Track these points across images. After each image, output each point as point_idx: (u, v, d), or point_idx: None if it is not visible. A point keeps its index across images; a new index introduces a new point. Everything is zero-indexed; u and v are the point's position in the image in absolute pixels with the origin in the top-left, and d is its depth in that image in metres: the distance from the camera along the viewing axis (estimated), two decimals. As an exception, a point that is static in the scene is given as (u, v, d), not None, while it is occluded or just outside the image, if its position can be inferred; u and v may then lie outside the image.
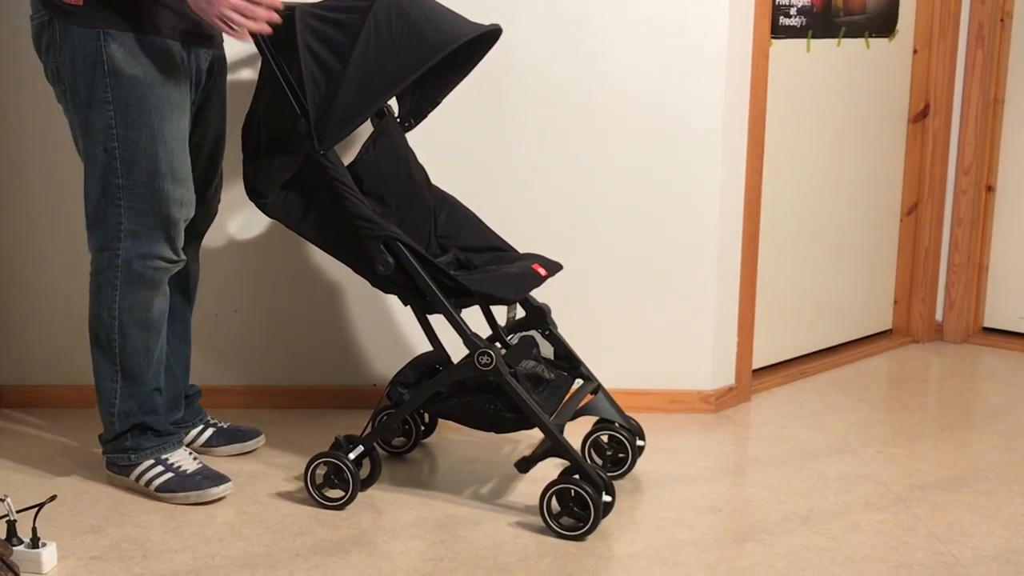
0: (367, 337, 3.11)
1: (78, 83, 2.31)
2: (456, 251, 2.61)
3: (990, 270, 3.80)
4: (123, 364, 2.47)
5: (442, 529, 2.38)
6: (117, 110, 2.31)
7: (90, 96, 2.31)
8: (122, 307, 2.42)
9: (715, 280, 3.06)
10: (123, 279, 2.40)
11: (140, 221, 2.37)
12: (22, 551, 2.17)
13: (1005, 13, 3.62)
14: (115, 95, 2.30)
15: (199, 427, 2.79)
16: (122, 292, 2.41)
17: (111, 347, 2.46)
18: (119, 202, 2.36)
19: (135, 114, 2.31)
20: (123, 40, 2.28)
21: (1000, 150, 3.72)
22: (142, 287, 2.42)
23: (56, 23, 2.30)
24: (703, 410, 3.12)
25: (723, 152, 2.99)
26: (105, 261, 2.41)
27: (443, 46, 2.29)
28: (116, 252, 2.39)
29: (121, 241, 2.38)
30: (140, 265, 2.40)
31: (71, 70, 2.31)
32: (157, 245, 2.40)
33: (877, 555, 2.26)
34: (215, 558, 2.25)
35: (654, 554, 2.26)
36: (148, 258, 2.40)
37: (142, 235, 2.38)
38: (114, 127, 2.32)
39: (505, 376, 2.34)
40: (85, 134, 2.36)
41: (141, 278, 2.41)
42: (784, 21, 3.25)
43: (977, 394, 3.33)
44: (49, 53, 2.34)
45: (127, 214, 2.37)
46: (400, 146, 2.65)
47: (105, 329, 2.45)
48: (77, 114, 2.35)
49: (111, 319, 2.43)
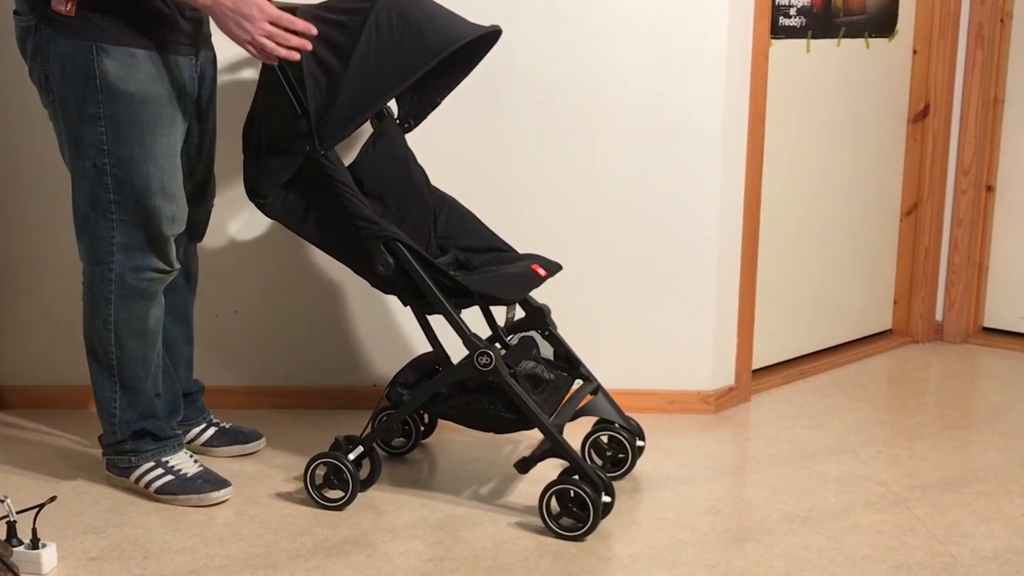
0: (367, 338, 3.11)
1: (68, 95, 2.26)
2: (456, 252, 2.61)
3: (990, 270, 3.80)
4: (121, 375, 2.46)
5: (442, 530, 2.38)
6: (108, 126, 2.27)
7: (80, 110, 2.26)
8: (118, 320, 2.41)
9: (715, 280, 3.06)
10: (117, 292, 2.38)
11: (132, 235, 2.35)
12: (22, 552, 2.17)
13: (1005, 13, 3.62)
14: (107, 111, 2.25)
15: (201, 425, 2.79)
16: (117, 305, 2.39)
17: (108, 359, 2.45)
18: (110, 216, 2.33)
19: (127, 131, 2.27)
20: (117, 55, 2.23)
21: (1000, 150, 3.72)
22: (137, 299, 2.40)
23: (44, 31, 2.24)
24: (703, 410, 3.12)
25: (723, 152, 2.99)
26: (98, 274, 2.38)
27: (443, 47, 2.29)
28: (109, 266, 2.37)
29: (114, 255, 2.36)
30: (134, 278, 2.38)
31: (60, 81, 2.26)
32: (149, 258, 2.38)
33: (877, 555, 2.26)
34: (215, 559, 2.25)
35: (654, 554, 2.27)
36: (141, 270, 2.38)
37: (134, 248, 2.36)
38: (105, 143, 2.28)
39: (504, 377, 2.34)
40: (74, 147, 2.31)
41: (136, 291, 2.39)
42: (784, 21, 3.25)
43: (977, 394, 3.33)
44: (36, 59, 2.29)
45: (119, 228, 2.34)
46: (400, 147, 2.65)
47: (101, 342, 2.43)
48: (66, 126, 2.31)
49: (107, 332, 2.42)
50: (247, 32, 2.17)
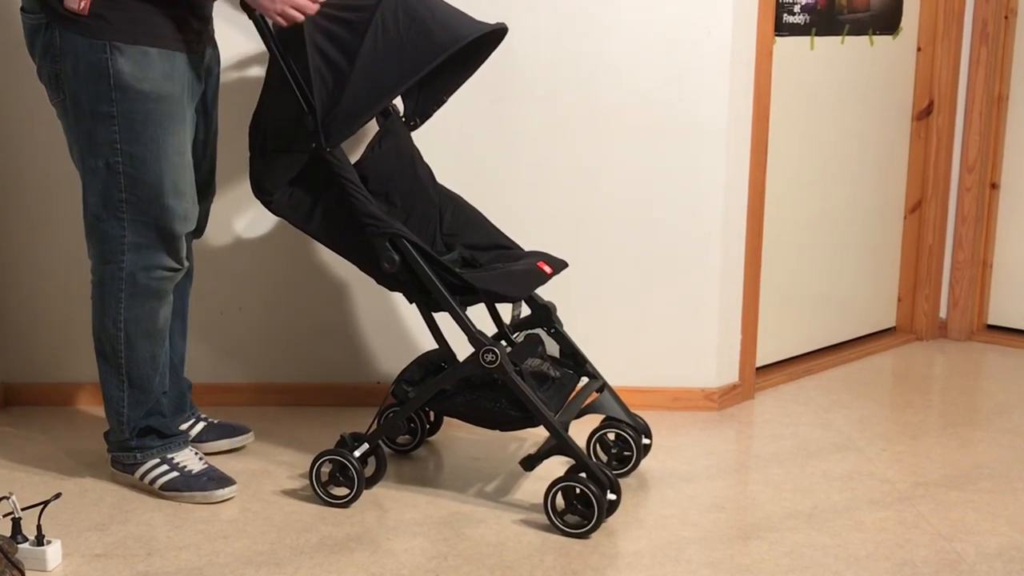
0: (371, 334, 3.11)
1: (80, 94, 2.26)
2: (461, 249, 2.61)
3: (994, 267, 3.80)
4: (130, 374, 2.46)
5: (446, 527, 2.38)
6: (122, 125, 2.27)
7: (94, 108, 2.26)
8: (128, 319, 2.41)
9: (719, 277, 3.06)
10: (128, 291, 2.38)
11: (143, 234, 2.35)
12: (27, 548, 2.17)
13: (1009, 10, 3.61)
14: (120, 109, 2.25)
15: (190, 421, 2.78)
16: (127, 304, 2.39)
17: (116, 358, 2.45)
18: (121, 215, 2.33)
19: (140, 129, 2.28)
20: (131, 53, 2.23)
21: (1004, 147, 3.72)
22: (148, 298, 2.41)
23: (56, 28, 2.24)
24: (707, 408, 3.12)
25: (727, 149, 2.99)
26: (108, 273, 2.38)
27: (449, 44, 2.29)
28: (120, 264, 2.36)
29: (125, 254, 2.36)
30: (145, 277, 2.38)
31: (73, 80, 2.26)
32: (160, 256, 2.38)
33: (881, 553, 2.26)
34: (219, 555, 2.25)
35: (658, 551, 2.27)
36: (152, 269, 2.38)
37: (145, 248, 2.36)
38: (118, 142, 2.28)
39: (510, 374, 2.34)
40: (86, 146, 2.31)
41: (147, 290, 2.39)
42: (788, 19, 3.25)
43: (981, 391, 3.33)
44: (46, 58, 2.28)
45: (130, 227, 2.34)
46: (405, 145, 2.65)
47: (110, 341, 2.43)
48: (78, 125, 2.30)
49: (116, 331, 2.42)
50: (276, 3, 2.22)
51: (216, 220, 2.96)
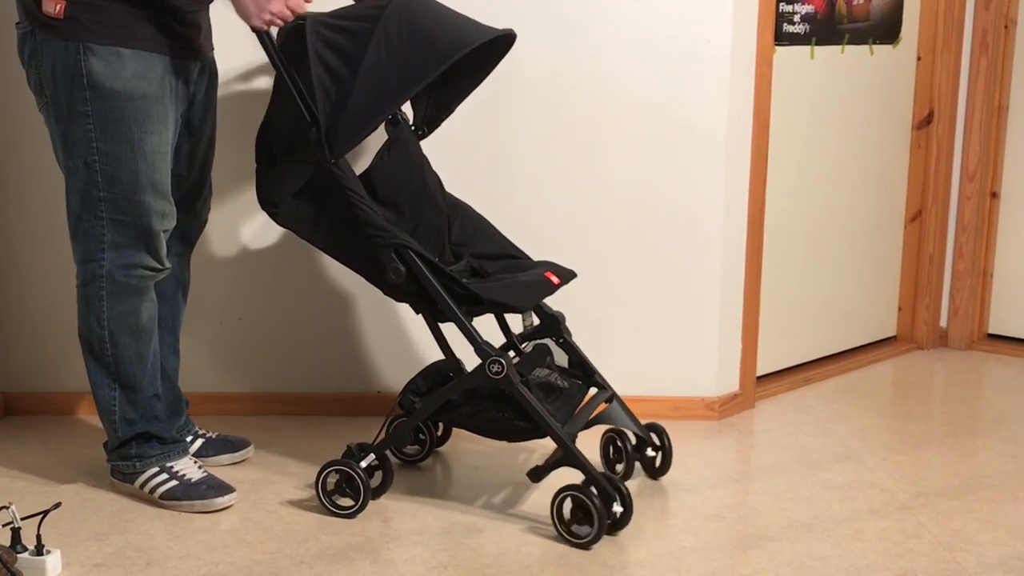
0: (374, 345, 3.11)
1: (58, 96, 2.31)
2: (470, 258, 2.60)
3: (994, 277, 3.80)
4: (118, 372, 2.47)
5: (447, 537, 2.37)
6: (96, 124, 2.31)
7: (70, 109, 2.31)
8: (111, 316, 2.43)
9: (719, 286, 3.06)
10: (108, 289, 2.41)
11: (122, 232, 2.38)
12: (26, 558, 2.17)
13: (1009, 20, 3.62)
14: (94, 109, 2.30)
15: (188, 438, 2.76)
16: (109, 302, 2.42)
17: (104, 356, 2.46)
18: (101, 214, 2.36)
19: (114, 128, 2.31)
20: (103, 54, 2.27)
21: (1004, 157, 3.72)
22: (128, 295, 2.42)
23: (38, 35, 2.30)
24: (707, 417, 3.12)
25: (727, 159, 3.00)
26: (89, 273, 2.41)
27: (453, 52, 2.26)
28: (100, 263, 2.39)
29: (104, 252, 2.39)
30: (123, 275, 2.40)
31: (52, 82, 2.31)
32: (139, 255, 2.40)
33: (882, 563, 2.26)
34: (219, 565, 2.24)
35: (658, 561, 2.26)
36: (131, 268, 2.40)
37: (124, 246, 2.39)
38: (93, 140, 2.32)
39: (516, 385, 2.33)
40: (65, 146, 2.36)
41: (126, 287, 2.41)
42: (788, 28, 3.25)
43: (982, 401, 3.33)
44: (31, 64, 2.34)
45: (109, 226, 2.37)
46: (414, 153, 2.64)
47: (96, 339, 2.45)
48: (57, 126, 2.35)
49: (101, 329, 2.44)
50: (262, 12, 2.25)
51: (217, 230, 2.97)
